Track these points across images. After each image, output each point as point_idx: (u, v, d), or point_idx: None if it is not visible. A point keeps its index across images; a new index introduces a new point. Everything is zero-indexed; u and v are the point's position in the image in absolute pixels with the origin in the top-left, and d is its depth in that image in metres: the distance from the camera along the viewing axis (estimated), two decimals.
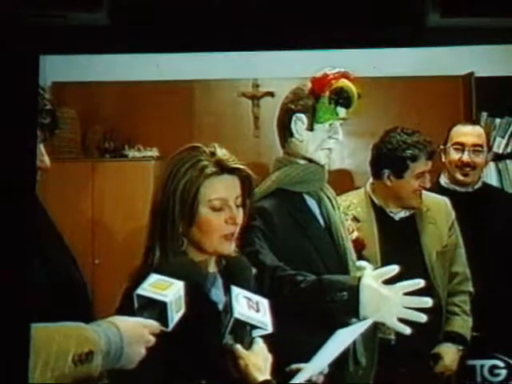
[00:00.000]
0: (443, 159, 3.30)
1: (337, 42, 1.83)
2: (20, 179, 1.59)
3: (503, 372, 2.67)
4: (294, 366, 1.89)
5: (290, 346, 1.93)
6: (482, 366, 2.68)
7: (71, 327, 1.52)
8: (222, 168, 1.89)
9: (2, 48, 1.61)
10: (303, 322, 2.15)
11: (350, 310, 2.02)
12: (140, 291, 1.65)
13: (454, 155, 3.25)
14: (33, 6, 1.68)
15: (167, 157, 2.00)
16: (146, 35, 1.81)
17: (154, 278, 1.69)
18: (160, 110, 4.84)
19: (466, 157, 3.23)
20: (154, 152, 4.69)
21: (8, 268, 1.56)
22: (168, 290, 1.65)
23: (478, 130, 3.33)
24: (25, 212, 1.59)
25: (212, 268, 1.94)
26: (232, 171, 1.91)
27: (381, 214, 2.99)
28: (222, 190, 1.89)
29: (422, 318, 1.97)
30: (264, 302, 1.84)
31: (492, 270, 3.05)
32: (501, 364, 2.68)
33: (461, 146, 3.25)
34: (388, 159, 2.93)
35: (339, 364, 2.06)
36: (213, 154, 1.90)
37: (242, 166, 1.92)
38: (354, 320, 2.10)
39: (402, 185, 2.94)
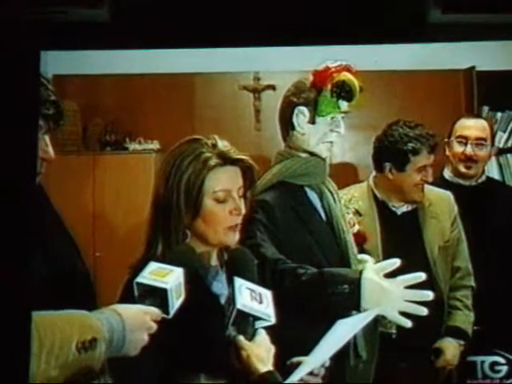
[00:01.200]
0: (447, 152, 3.29)
1: (338, 38, 1.82)
2: (21, 171, 1.59)
3: (504, 368, 2.66)
4: (295, 360, 1.89)
5: (291, 339, 1.93)
6: (482, 363, 2.68)
7: (74, 315, 1.53)
8: (225, 159, 1.89)
9: (3, 44, 1.62)
10: (304, 314, 2.15)
11: (351, 302, 2.03)
12: (140, 279, 1.65)
13: (458, 148, 3.24)
14: (33, 1, 1.68)
15: (168, 150, 2.00)
16: (147, 31, 1.81)
17: (153, 265, 1.69)
18: (161, 103, 4.84)
19: (469, 150, 3.22)
20: (154, 145, 4.69)
21: (9, 258, 1.56)
22: (168, 276, 1.66)
23: (481, 123, 3.32)
24: (26, 202, 1.59)
25: (214, 261, 1.95)
26: (234, 162, 1.91)
27: (383, 209, 2.99)
28: (225, 182, 1.89)
29: (423, 311, 1.97)
30: (267, 294, 1.85)
31: (495, 264, 3.05)
32: (502, 360, 2.68)
33: (464, 140, 3.24)
34: (389, 152, 2.93)
35: (340, 357, 2.07)
36: (214, 145, 1.91)
37: (244, 157, 1.93)
38: (354, 313, 2.11)
39: (403, 178, 2.93)
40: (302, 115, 2.38)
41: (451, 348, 2.92)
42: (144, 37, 1.83)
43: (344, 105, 2.37)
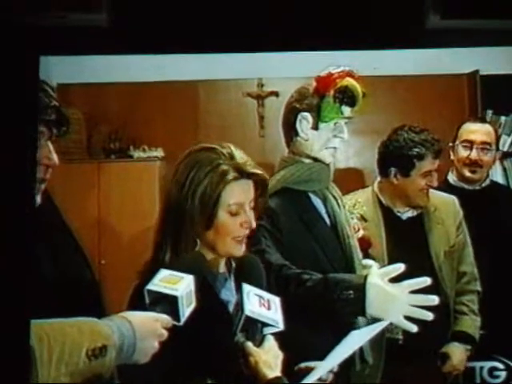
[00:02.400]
0: (452, 157, 3.30)
1: (339, 44, 1.83)
2: (22, 177, 1.59)
3: (503, 374, 2.66)
4: (303, 365, 1.89)
5: (296, 345, 1.93)
6: (481, 368, 2.68)
7: (84, 322, 1.52)
8: (241, 173, 1.89)
9: (2, 49, 1.62)
10: (309, 320, 2.15)
11: (356, 308, 2.02)
12: (151, 286, 1.65)
13: (463, 153, 3.24)
14: (33, 7, 1.69)
15: (172, 157, 2.00)
16: (147, 36, 1.81)
17: (164, 273, 1.69)
18: (165, 111, 4.86)
19: (474, 154, 3.22)
20: (159, 152, 4.71)
21: (9, 264, 1.56)
22: (178, 284, 1.66)
23: (486, 128, 3.31)
24: (25, 210, 1.59)
25: (222, 268, 1.95)
26: (250, 176, 1.91)
27: (388, 214, 2.98)
28: (239, 195, 1.89)
29: (429, 315, 1.97)
30: (275, 300, 1.85)
31: (500, 268, 3.04)
32: (500, 366, 2.68)
33: (469, 144, 3.24)
34: (395, 157, 2.92)
35: (346, 363, 2.06)
36: (231, 156, 1.90)
37: (259, 172, 1.93)
38: (360, 319, 2.11)
39: (408, 183, 2.92)
40: (305, 121, 2.38)
41: (458, 353, 2.91)
42: (144, 42, 1.83)
43: (347, 110, 2.37)
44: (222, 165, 1.88)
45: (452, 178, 3.30)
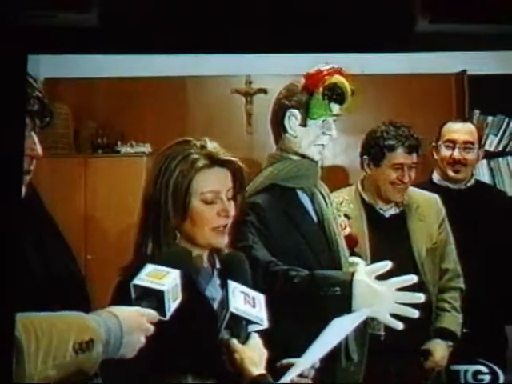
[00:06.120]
0: (435, 156, 3.32)
1: (328, 47, 1.84)
2: (7, 169, 1.58)
3: (487, 377, 2.67)
4: (285, 361, 1.89)
5: (283, 342, 1.94)
6: (465, 372, 2.69)
7: (71, 316, 1.52)
8: (213, 160, 1.89)
9: None
10: (296, 317, 2.15)
11: (342, 305, 2.02)
12: (137, 281, 1.65)
13: (445, 152, 3.27)
14: (21, 5, 1.68)
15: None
16: (136, 36, 1.81)
17: (149, 267, 1.69)
18: (153, 106, 4.85)
19: (456, 154, 3.25)
20: (146, 148, 4.70)
21: None
22: (164, 278, 1.66)
23: (468, 127, 3.35)
24: (11, 202, 1.58)
25: (205, 264, 1.94)
26: (223, 164, 1.91)
27: (371, 211, 3.00)
28: (213, 183, 1.89)
29: (415, 313, 1.98)
30: (260, 298, 1.85)
31: (484, 268, 3.06)
32: (484, 369, 2.69)
33: (452, 143, 3.27)
34: (369, 146, 2.98)
35: (331, 360, 2.07)
36: (203, 147, 1.90)
37: (233, 159, 1.92)
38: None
39: (378, 173, 2.96)
40: (293, 118, 2.39)
41: (440, 349, 2.92)
42: (132, 42, 1.83)
43: (336, 108, 2.37)
44: (193, 154, 1.88)
45: (436, 177, 3.33)
